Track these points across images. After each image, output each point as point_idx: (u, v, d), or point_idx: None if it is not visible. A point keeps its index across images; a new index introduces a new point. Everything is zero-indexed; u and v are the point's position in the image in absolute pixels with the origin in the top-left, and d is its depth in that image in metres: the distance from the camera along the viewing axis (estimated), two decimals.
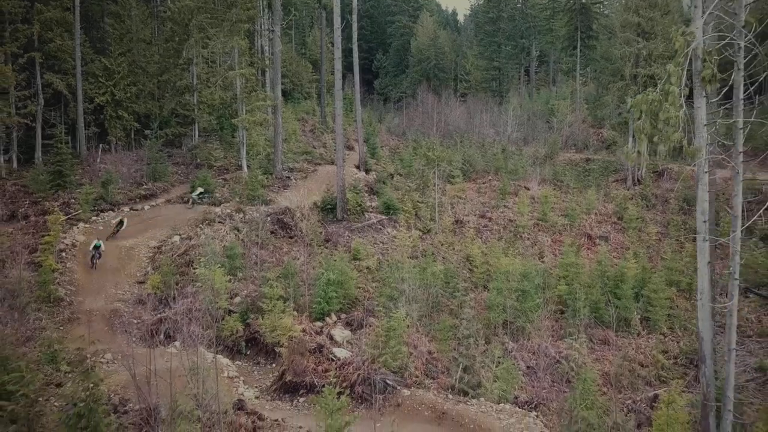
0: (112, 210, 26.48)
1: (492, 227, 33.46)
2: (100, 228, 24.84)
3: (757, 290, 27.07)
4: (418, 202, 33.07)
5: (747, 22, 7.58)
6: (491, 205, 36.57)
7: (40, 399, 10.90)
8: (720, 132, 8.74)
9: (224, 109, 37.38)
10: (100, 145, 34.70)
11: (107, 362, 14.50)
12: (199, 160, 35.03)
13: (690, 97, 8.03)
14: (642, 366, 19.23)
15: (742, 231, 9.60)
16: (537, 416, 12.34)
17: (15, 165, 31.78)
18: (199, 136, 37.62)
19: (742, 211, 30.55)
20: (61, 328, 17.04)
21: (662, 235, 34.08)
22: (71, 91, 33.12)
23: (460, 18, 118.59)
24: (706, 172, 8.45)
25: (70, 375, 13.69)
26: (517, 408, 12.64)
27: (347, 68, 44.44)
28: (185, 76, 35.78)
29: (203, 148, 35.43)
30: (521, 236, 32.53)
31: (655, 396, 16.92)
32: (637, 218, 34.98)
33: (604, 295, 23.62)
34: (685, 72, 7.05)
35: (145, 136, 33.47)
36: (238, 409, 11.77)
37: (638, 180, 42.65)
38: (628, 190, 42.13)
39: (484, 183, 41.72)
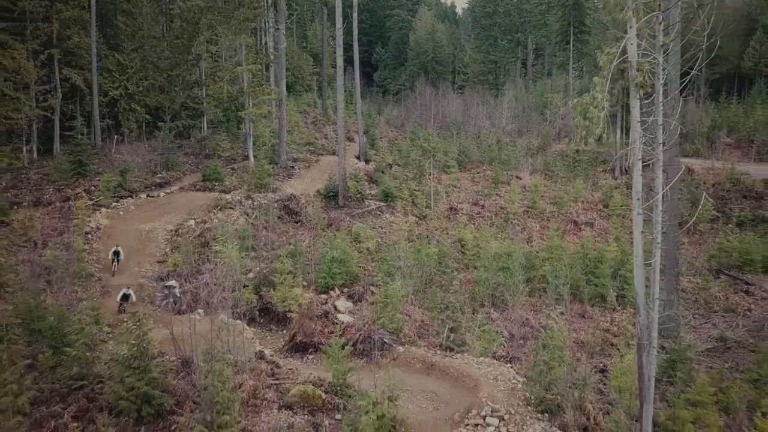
0: (131, 196, 28.50)
1: (484, 214, 35.55)
2: (120, 213, 26.93)
3: (728, 271, 29.24)
4: (414, 190, 35.14)
5: (664, 43, 9.61)
6: (484, 194, 38.67)
7: (95, 347, 13.05)
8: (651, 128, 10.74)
9: (230, 102, 39.32)
10: (115, 137, 36.70)
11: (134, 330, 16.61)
12: (207, 150, 37.01)
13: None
14: (614, 336, 21.34)
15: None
16: (511, 367, 14.50)
17: (35, 155, 33.77)
18: (207, 127, 39.56)
19: (726, 199, 32.39)
20: (94, 299, 19.13)
21: (645, 221, 36.15)
22: (87, 85, 35.03)
23: (459, 11, 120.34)
24: (639, 159, 10.49)
25: (111, 335, 15.86)
26: (495, 361, 14.79)
27: (347, 62, 46.25)
28: (194, 71, 37.70)
29: (211, 140, 37.41)
30: (511, 222, 34.65)
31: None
32: (622, 206, 37.02)
33: (584, 274, 25.77)
34: (608, 82, 9.06)
35: (158, 128, 35.39)
36: (259, 358, 13.92)
37: (625, 170, 44.70)
38: (615, 179, 44.23)
39: (478, 173, 43.78)
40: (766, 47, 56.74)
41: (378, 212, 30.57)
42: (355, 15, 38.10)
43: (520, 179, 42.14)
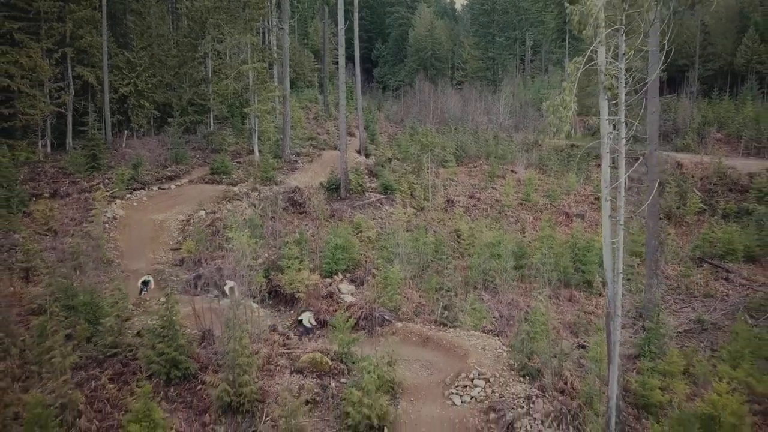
0: (143, 188, 30.00)
1: (480, 206, 37.06)
2: (134, 204, 28.43)
3: (711, 260, 30.76)
4: (413, 183, 36.62)
5: (626, 52, 11.07)
6: (480, 187, 40.16)
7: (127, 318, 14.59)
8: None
9: (235, 99, 40.76)
10: (125, 132, 38.16)
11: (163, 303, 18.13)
12: (213, 145, 38.48)
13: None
14: (598, 318, 22.86)
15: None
16: (498, 339, 16.04)
17: (49, 150, 35.22)
18: (213, 123, 41.01)
19: (713, 192, 33.84)
20: (116, 282, 20.65)
21: (633, 213, 37.67)
22: (99, 82, 36.43)
23: (458, 7, 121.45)
24: (607, 152, 11.98)
25: (135, 313, 17.39)
26: (484, 334, 16.33)
27: (348, 58, 47.70)
28: (201, 68, 39.11)
29: (218, 135, 38.86)
30: (506, 214, 36.14)
31: None
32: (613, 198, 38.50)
33: (573, 262, 27.30)
34: (575, 87, 10.52)
35: (166, 123, 36.85)
36: (272, 330, 15.44)
37: (616, 165, 46.15)
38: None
39: (475, 167, 45.26)
40: (758, 45, 58.13)
41: (378, 204, 32.06)
42: (356, 15, 39.48)
43: (515, 173, 43.64)
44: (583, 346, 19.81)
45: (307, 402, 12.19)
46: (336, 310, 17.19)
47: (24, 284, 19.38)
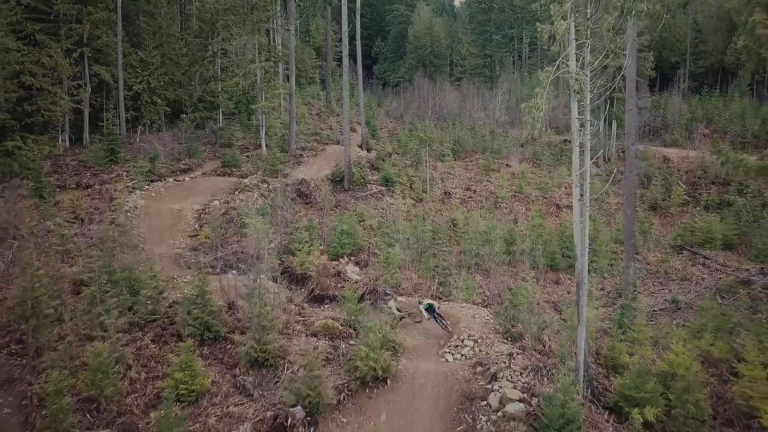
0: (160, 180, 32.05)
1: (475, 198, 39.18)
2: (152, 195, 30.50)
3: (690, 248, 32.91)
4: (412, 176, 38.70)
5: (591, 62, 13.14)
6: (476, 180, 42.28)
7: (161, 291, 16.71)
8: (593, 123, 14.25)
9: (242, 96, 42.73)
10: (139, 127, 40.19)
11: (189, 282, 20.24)
12: (222, 140, 40.51)
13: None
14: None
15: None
16: (486, 309, 18.17)
17: (67, 144, 37.25)
18: (222, 119, 43.03)
19: (697, 185, 35.77)
20: (142, 264, 22.76)
21: (620, 204, 39.82)
22: (114, 80, 38.42)
23: (457, 3, 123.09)
24: (577, 146, 14.07)
25: (166, 287, 19.48)
26: (474, 305, 18.46)
27: (348, 56, 49.63)
28: (211, 67, 41.11)
29: (226, 130, 40.89)
30: (500, 205, 38.27)
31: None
32: (600, 191, 40.64)
33: (560, 249, 29.43)
34: (545, 92, 12.55)
35: (178, 118, 38.87)
36: (288, 301, 17.55)
37: (607, 159, 48.36)
38: (598, 167, 47.83)
39: (471, 161, 47.35)
40: None
41: (379, 195, 34.16)
42: (357, 17, 41.38)
43: (510, 167, 45.76)
44: (565, 321, 21.99)
45: (321, 359, 14.30)
46: (343, 287, 19.31)
47: (61, 265, 21.46)
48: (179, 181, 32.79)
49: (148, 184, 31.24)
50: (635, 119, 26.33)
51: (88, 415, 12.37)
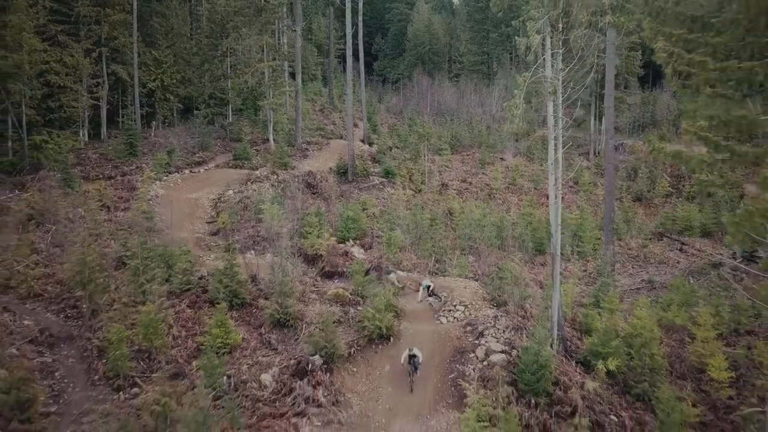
0: (177, 172, 34.47)
1: (471, 189, 41.63)
2: (171, 185, 32.91)
3: (670, 235, 35.40)
4: (411, 169, 41.12)
5: (563, 68, 15.57)
6: (472, 173, 44.73)
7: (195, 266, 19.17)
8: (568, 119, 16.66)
9: (250, 93, 45.08)
10: (153, 123, 42.55)
11: (214, 258, 22.68)
12: (232, 135, 42.88)
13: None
14: (565, 278, 27.48)
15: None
16: (477, 283, 20.65)
17: (87, 138, 39.60)
18: (232, 115, 45.41)
19: (681, 177, 38.27)
20: (172, 245, 25.15)
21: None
22: (130, 78, 40.76)
23: (455, 0, 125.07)
24: (552, 139, 16.50)
25: (196, 263, 21.90)
26: (466, 279, 20.93)
27: (352, 55, 51.91)
28: (221, 66, 43.43)
29: (236, 125, 43.27)
30: (494, 196, 40.75)
31: None
32: (590, 183, 43.18)
33: (548, 235, 31.85)
34: (523, 94, 14.94)
35: (189, 114, 41.21)
36: (303, 274, 20.01)
37: (597, 153, 50.79)
38: (588, 161, 50.33)
39: (468, 155, 49.80)
40: None
41: (381, 186, 36.59)
42: (360, 18, 43.70)
43: (504, 160, 48.21)
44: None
45: (333, 321, 16.76)
46: (350, 264, 21.77)
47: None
48: (194, 172, 35.21)
49: (167, 176, 33.64)
50: (612, 116, 28.86)
51: (141, 362, 14.84)
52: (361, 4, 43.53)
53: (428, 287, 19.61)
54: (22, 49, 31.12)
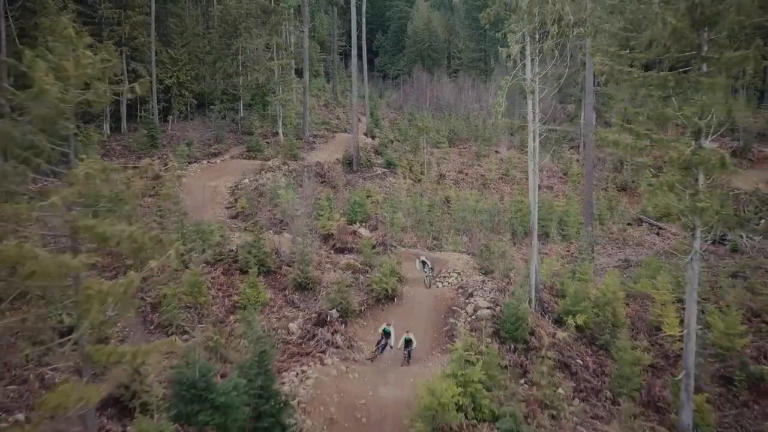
0: (196, 162, 37.45)
1: (467, 179, 44.64)
2: (191, 174, 35.88)
3: (649, 221, 38.49)
4: (411, 160, 44.10)
5: (540, 71, 18.53)
6: (468, 164, 47.73)
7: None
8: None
9: (258, 89, 48.01)
10: (169, 117, 45.50)
11: (237, 237, 25.69)
12: (243, 128, 45.84)
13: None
14: (549, 256, 30.55)
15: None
16: (468, 255, 23.74)
17: (108, 132, 42.54)
18: (243, 110, 48.38)
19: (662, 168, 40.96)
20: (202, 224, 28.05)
21: (595, 186, 45.33)
22: (148, 75, 43.65)
23: None
24: (532, 131, 19.51)
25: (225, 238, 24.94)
26: (459, 253, 24.02)
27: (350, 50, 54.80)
28: (233, 63, 46.36)
29: (247, 119, 46.25)
30: (488, 186, 43.78)
31: None
32: (578, 174, 46.20)
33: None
34: (505, 95, 17.89)
35: (205, 109, 44.16)
36: (318, 248, 23.09)
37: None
38: (579, 153, 53.32)
39: (465, 148, 52.77)
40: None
41: (383, 176, 39.61)
42: (363, 19, 46.57)
43: (499, 153, 51.22)
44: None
45: (347, 285, 19.85)
46: (359, 242, 24.84)
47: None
48: (211, 163, 38.20)
49: (186, 166, 36.61)
50: (593, 111, 31.87)
51: (189, 315, 17.91)
52: (364, 4, 46.39)
53: (423, 263, 22.69)
54: None
